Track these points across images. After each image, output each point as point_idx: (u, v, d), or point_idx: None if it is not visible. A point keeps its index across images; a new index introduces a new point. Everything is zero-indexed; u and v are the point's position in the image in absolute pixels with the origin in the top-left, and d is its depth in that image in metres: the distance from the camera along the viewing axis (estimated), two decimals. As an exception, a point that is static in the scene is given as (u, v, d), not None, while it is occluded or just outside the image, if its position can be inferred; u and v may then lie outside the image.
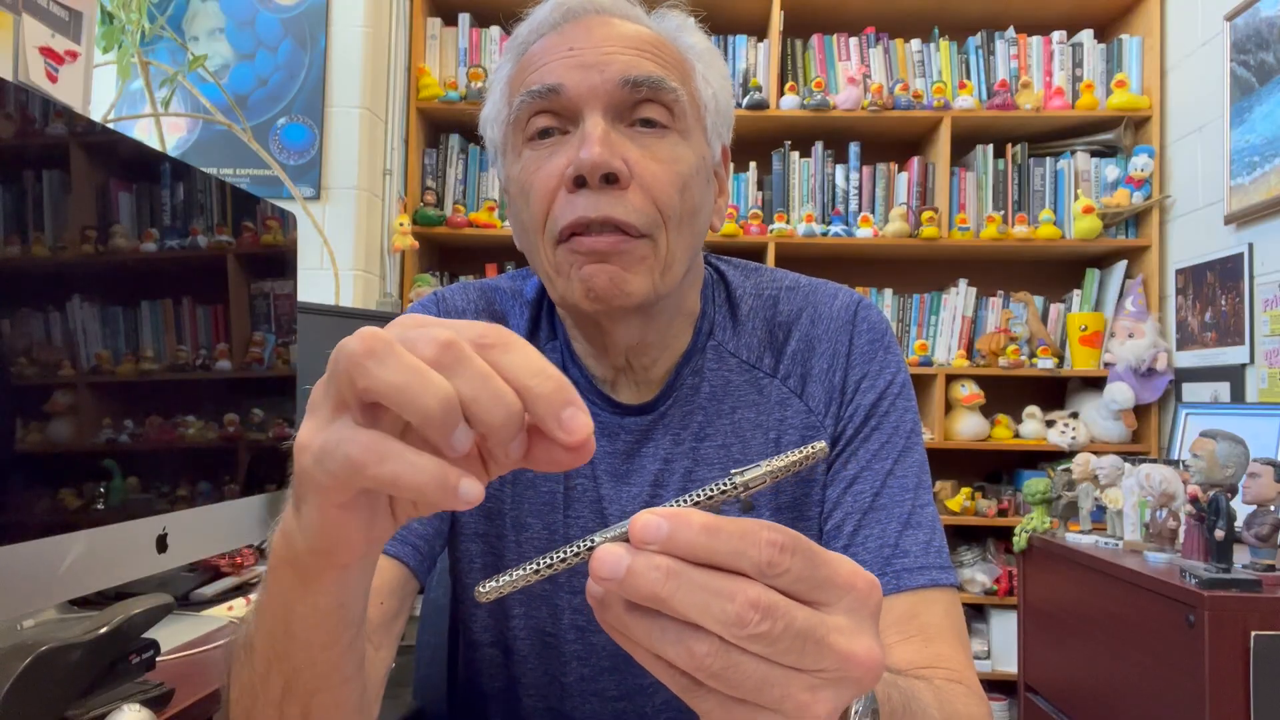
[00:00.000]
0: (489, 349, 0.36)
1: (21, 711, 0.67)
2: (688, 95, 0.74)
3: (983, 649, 2.68)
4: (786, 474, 0.37)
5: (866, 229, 2.76)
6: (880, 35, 2.89)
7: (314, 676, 0.47)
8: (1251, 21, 2.28)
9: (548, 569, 0.37)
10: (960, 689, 0.66)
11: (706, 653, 0.34)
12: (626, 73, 0.70)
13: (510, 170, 0.75)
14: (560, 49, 0.72)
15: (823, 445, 0.38)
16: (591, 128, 0.69)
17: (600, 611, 0.36)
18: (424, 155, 2.87)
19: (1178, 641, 1.46)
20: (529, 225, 0.73)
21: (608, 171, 0.68)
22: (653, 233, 0.70)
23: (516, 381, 0.35)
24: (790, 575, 0.35)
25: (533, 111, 0.72)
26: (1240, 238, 2.32)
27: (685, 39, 0.77)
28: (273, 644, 0.47)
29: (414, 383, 0.34)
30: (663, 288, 0.72)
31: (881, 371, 0.79)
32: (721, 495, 0.37)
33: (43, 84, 1.41)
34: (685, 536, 0.34)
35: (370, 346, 0.35)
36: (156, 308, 0.97)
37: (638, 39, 0.73)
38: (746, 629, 0.34)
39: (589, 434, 0.36)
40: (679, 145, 0.73)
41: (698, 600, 0.34)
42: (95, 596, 1.03)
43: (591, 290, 0.70)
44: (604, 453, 0.79)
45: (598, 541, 0.36)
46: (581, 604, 0.78)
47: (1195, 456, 1.51)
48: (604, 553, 0.35)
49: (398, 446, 0.35)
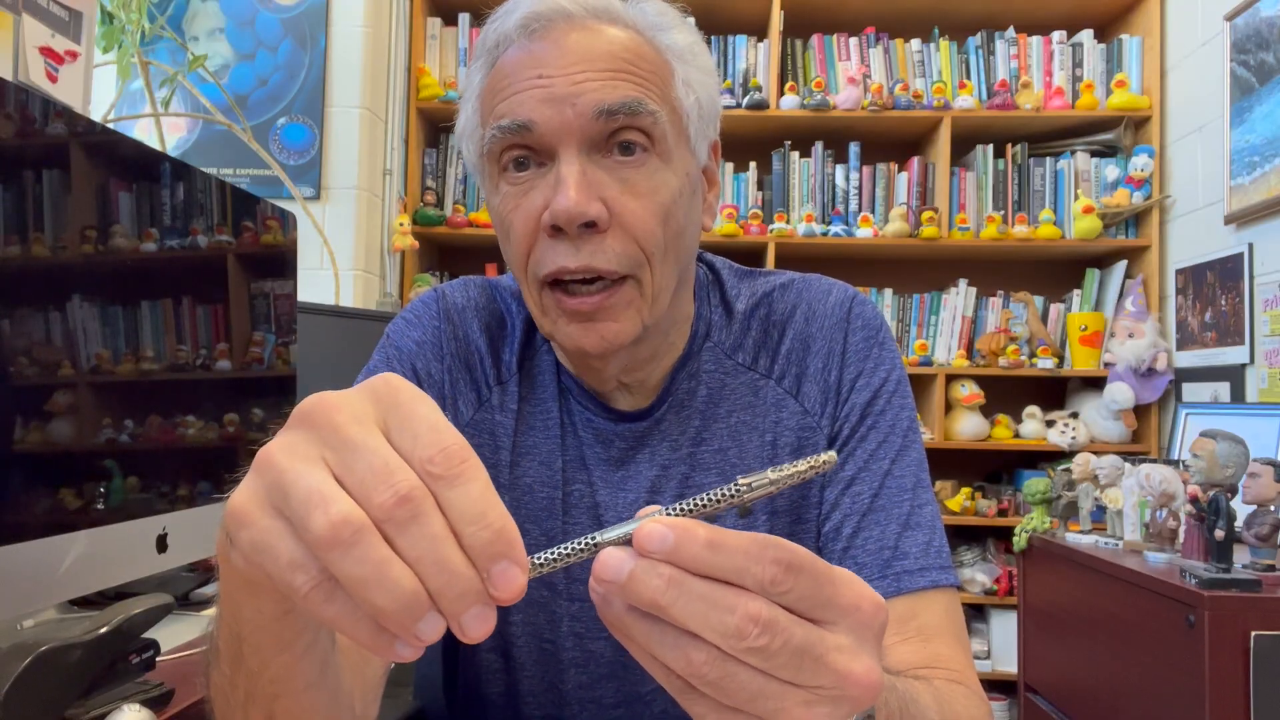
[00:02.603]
0: (436, 481, 0.34)
1: (21, 711, 0.67)
2: (668, 111, 0.70)
3: (983, 649, 2.68)
4: (792, 483, 0.37)
5: (866, 229, 2.76)
6: (880, 35, 2.89)
7: (270, 681, 0.46)
8: (1251, 21, 2.28)
9: (566, 559, 0.37)
10: (961, 689, 0.66)
11: (703, 661, 0.35)
12: (600, 102, 0.67)
13: (490, 199, 0.74)
14: (529, 74, 0.68)
15: (831, 456, 0.38)
16: (566, 172, 0.66)
17: (602, 607, 0.36)
18: (424, 155, 2.87)
19: (1178, 641, 1.46)
20: (512, 261, 0.73)
21: (585, 220, 0.66)
22: (636, 272, 0.69)
23: (454, 526, 0.33)
24: (794, 594, 0.35)
25: (505, 146, 0.69)
26: (1240, 238, 2.32)
27: (664, 39, 0.72)
28: (229, 646, 0.46)
29: (372, 578, 0.32)
30: (650, 320, 0.71)
31: (876, 369, 0.79)
32: (724, 502, 0.37)
33: (43, 84, 1.41)
34: (689, 551, 0.34)
35: (338, 535, 0.32)
36: (156, 308, 0.97)
37: (611, 54, 0.69)
38: (744, 642, 0.34)
39: (517, 594, 0.34)
40: (659, 171, 0.70)
41: (697, 610, 0.34)
42: (95, 596, 1.03)
43: (580, 349, 0.70)
44: (600, 459, 0.78)
45: (600, 539, 0.36)
46: (580, 611, 0.78)
47: (1195, 456, 1.51)
48: (607, 556, 0.35)
49: (341, 594, 0.33)
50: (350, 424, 0.35)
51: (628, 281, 0.69)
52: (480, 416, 0.79)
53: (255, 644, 0.44)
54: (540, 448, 0.79)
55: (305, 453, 0.35)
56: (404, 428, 0.35)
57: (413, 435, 0.34)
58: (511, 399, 0.79)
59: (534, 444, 0.79)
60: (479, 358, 0.80)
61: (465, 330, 0.81)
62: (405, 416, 0.35)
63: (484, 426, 0.79)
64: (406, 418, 0.35)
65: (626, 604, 0.35)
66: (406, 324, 0.82)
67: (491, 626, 0.34)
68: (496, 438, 0.79)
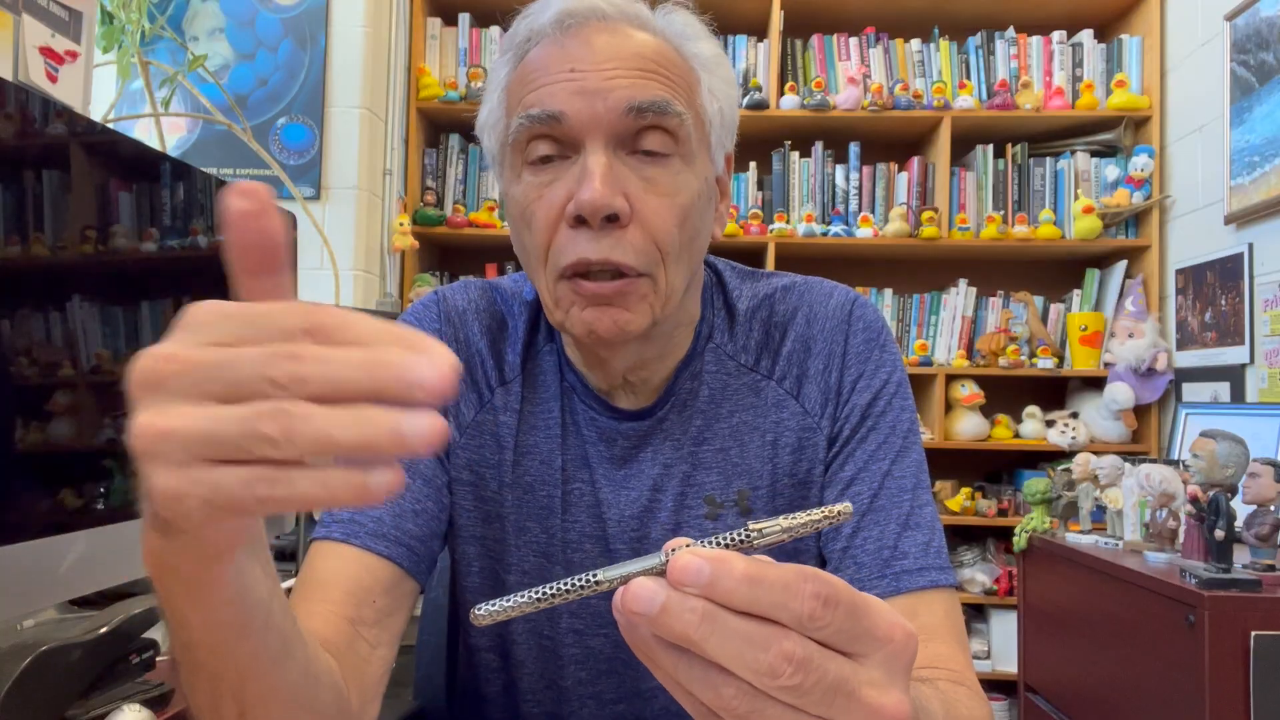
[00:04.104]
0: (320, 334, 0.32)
1: (21, 711, 0.68)
2: (693, 115, 0.72)
3: (983, 649, 2.68)
4: (805, 533, 0.37)
5: (866, 229, 2.76)
6: (880, 35, 2.89)
7: (236, 671, 0.45)
8: (1251, 21, 2.28)
9: (550, 599, 0.36)
10: (963, 690, 0.66)
11: (734, 695, 0.34)
12: (631, 99, 0.68)
13: (510, 189, 0.74)
14: (561, 67, 0.69)
15: (847, 507, 0.37)
16: (593, 164, 0.67)
17: (627, 630, 0.36)
18: (424, 155, 2.87)
19: (1178, 641, 1.46)
20: (530, 251, 0.73)
21: (609, 213, 0.67)
22: (652, 271, 0.70)
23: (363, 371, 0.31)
24: (831, 628, 0.34)
25: (532, 135, 0.70)
26: (1240, 238, 2.32)
27: (691, 47, 0.74)
28: (185, 657, 0.45)
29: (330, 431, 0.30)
30: (662, 316, 0.72)
31: (877, 371, 0.79)
32: (733, 548, 0.36)
33: (43, 84, 1.41)
34: (727, 585, 0.33)
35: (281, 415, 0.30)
36: (156, 308, 0.97)
37: (642, 55, 0.70)
38: (778, 680, 0.33)
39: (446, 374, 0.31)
40: (681, 173, 0.71)
41: (731, 647, 0.33)
42: (95, 596, 1.03)
43: (594, 333, 0.70)
44: (602, 457, 0.79)
45: (601, 578, 0.36)
46: (579, 608, 0.78)
47: (1195, 456, 1.51)
48: (638, 587, 0.34)
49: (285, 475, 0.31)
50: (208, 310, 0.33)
51: (643, 278, 0.70)
52: (482, 417, 0.80)
53: (211, 644, 0.43)
54: (541, 446, 0.79)
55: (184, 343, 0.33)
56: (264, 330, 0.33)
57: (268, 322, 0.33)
58: (515, 399, 0.80)
59: (535, 443, 0.79)
60: (480, 359, 0.81)
61: (466, 333, 0.81)
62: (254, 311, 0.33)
63: (486, 427, 0.80)
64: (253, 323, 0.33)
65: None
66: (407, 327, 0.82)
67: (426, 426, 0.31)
68: (499, 438, 0.79)
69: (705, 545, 0.36)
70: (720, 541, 0.36)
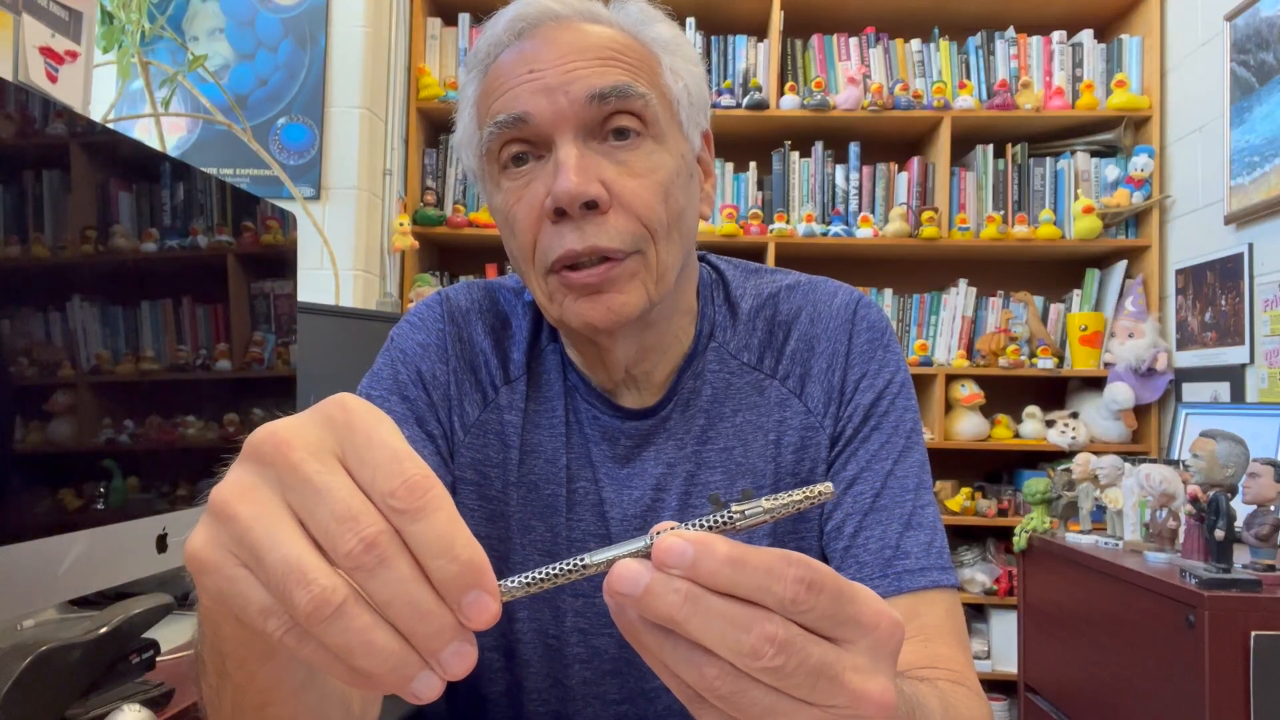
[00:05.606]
0: (400, 515, 0.33)
1: (21, 711, 0.67)
2: (658, 95, 0.72)
3: (983, 649, 2.68)
4: (787, 514, 0.37)
5: (866, 229, 2.76)
6: (880, 35, 2.89)
7: (258, 691, 0.45)
8: (1251, 21, 2.28)
9: (539, 583, 0.36)
10: (963, 691, 0.66)
11: (716, 676, 0.34)
12: (591, 88, 0.69)
13: (492, 200, 0.75)
14: (520, 70, 0.70)
15: (828, 486, 0.37)
16: (564, 156, 0.68)
17: (616, 612, 0.36)
18: (424, 155, 2.87)
19: (1178, 641, 1.46)
20: (518, 253, 0.73)
21: (587, 200, 0.68)
22: (641, 248, 0.70)
23: (421, 561, 0.33)
24: (815, 613, 0.34)
25: (503, 141, 0.71)
26: (1240, 238, 2.32)
27: (648, 31, 0.75)
28: (213, 660, 0.46)
29: (356, 646, 0.32)
30: (657, 295, 0.72)
31: (881, 371, 0.79)
32: (716, 528, 0.36)
33: (43, 84, 1.41)
34: (710, 566, 0.34)
35: (320, 613, 0.32)
36: (156, 308, 0.97)
37: (598, 44, 0.71)
38: (760, 662, 0.34)
39: (490, 620, 0.33)
40: (655, 152, 0.71)
41: (713, 628, 0.34)
42: (95, 596, 1.03)
43: (590, 324, 0.70)
44: (605, 456, 0.79)
45: (598, 560, 0.36)
46: (584, 607, 0.78)
47: (1195, 456, 1.51)
48: (622, 568, 0.34)
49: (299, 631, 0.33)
50: (307, 461, 0.34)
51: (632, 256, 0.70)
52: (486, 417, 0.80)
53: (239, 659, 0.43)
54: (546, 445, 0.79)
55: (265, 498, 0.34)
56: (363, 458, 0.34)
57: (373, 466, 0.33)
58: (519, 397, 0.80)
59: (540, 441, 0.80)
60: (484, 359, 0.81)
61: (470, 332, 0.81)
62: (363, 445, 0.34)
63: (490, 427, 0.80)
64: (364, 446, 0.34)
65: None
66: (411, 327, 0.82)
67: (473, 663, 0.33)
68: (504, 437, 0.79)
69: (689, 527, 0.36)
70: (704, 523, 0.37)
